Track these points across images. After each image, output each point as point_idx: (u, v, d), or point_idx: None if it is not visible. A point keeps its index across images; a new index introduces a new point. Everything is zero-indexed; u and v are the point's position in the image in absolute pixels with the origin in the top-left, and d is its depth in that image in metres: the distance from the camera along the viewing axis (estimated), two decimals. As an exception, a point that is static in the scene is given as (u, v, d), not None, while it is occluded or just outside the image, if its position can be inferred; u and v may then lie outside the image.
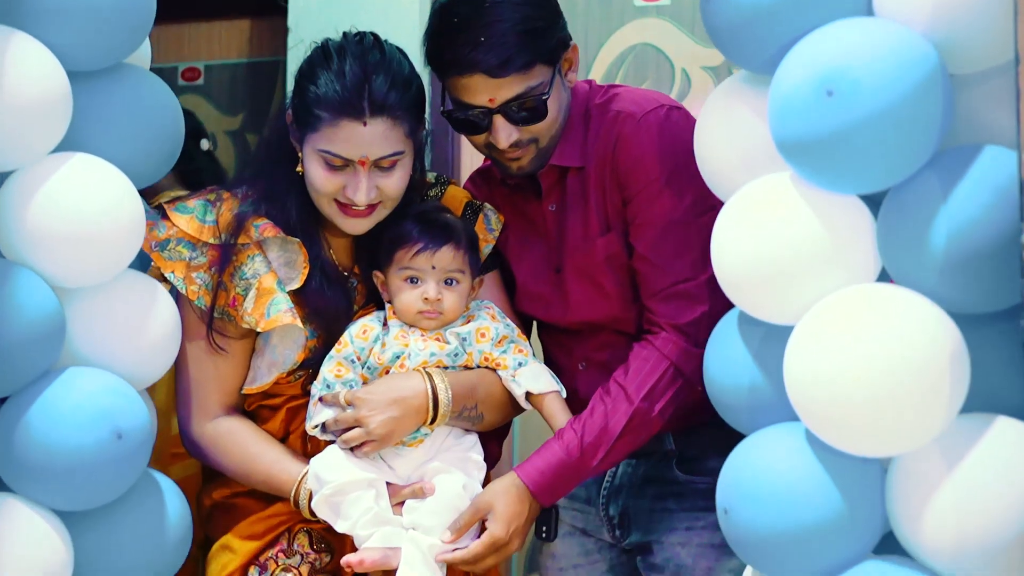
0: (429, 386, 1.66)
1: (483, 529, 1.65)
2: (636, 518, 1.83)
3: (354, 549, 1.67)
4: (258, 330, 1.68)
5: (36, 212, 1.51)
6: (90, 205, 1.53)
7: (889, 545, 1.34)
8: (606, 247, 1.77)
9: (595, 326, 1.82)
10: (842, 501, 1.31)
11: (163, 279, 1.72)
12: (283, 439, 1.76)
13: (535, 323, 1.94)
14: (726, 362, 1.49)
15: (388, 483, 1.67)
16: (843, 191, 1.35)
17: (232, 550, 1.75)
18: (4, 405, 1.53)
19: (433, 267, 1.70)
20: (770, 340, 1.41)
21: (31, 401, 1.51)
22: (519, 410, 1.78)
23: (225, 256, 1.71)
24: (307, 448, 1.76)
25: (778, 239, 1.37)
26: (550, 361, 1.91)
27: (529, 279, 1.87)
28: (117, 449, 1.53)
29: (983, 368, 1.27)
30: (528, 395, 1.72)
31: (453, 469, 1.67)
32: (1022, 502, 1.20)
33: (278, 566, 1.73)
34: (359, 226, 1.73)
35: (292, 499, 1.69)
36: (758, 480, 1.37)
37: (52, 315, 1.51)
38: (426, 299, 1.69)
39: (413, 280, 1.70)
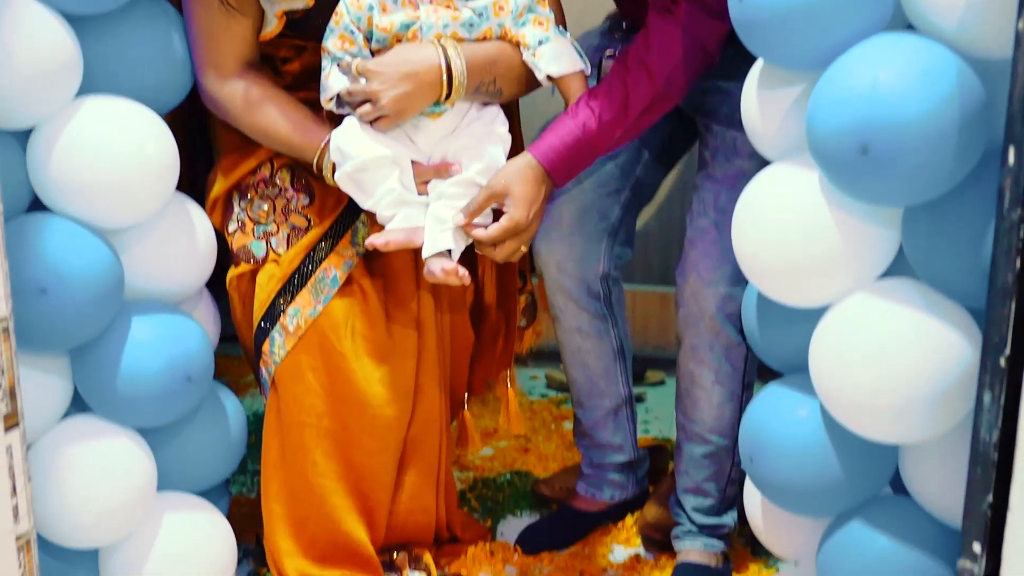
0: (443, 60, 1.59)
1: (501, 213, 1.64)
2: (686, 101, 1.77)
3: (336, 200, 1.69)
4: None
5: None
6: None
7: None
8: None
9: None
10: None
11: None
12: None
13: None
14: None
15: (413, 161, 1.63)
16: None
17: (221, 176, 1.79)
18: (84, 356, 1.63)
19: None
20: None
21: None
22: (539, 83, 1.70)
23: None
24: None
25: None
26: None
27: None
28: (188, 389, 1.66)
29: None
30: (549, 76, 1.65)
31: (476, 147, 1.64)
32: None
33: (257, 194, 1.76)
34: None
35: (315, 166, 1.67)
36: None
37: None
38: None
39: None
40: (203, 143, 2.01)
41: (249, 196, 1.76)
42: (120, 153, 1.56)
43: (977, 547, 1.24)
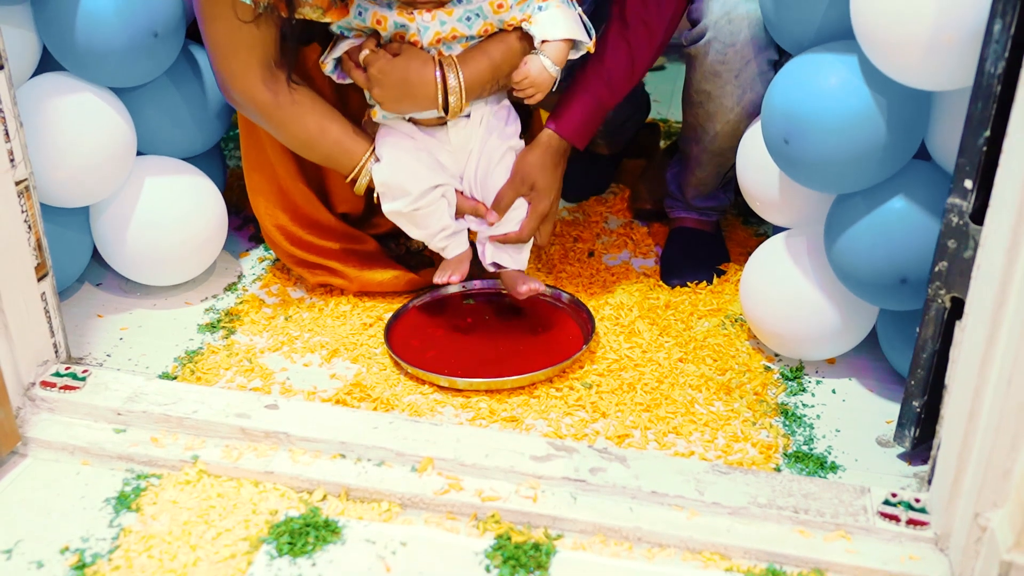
0: (440, 82, 1.55)
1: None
2: None
3: None
4: None
5: None
6: None
7: None
8: None
9: None
10: None
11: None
12: None
13: None
14: None
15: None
16: None
17: None
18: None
19: None
20: None
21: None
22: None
23: None
24: None
25: None
26: None
27: None
28: (154, 45, 1.64)
29: None
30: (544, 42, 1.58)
31: (502, 165, 1.64)
32: None
33: None
34: None
35: (349, 179, 1.66)
36: None
37: None
38: None
39: None
40: None
41: None
42: None
43: (969, 183, 1.24)
